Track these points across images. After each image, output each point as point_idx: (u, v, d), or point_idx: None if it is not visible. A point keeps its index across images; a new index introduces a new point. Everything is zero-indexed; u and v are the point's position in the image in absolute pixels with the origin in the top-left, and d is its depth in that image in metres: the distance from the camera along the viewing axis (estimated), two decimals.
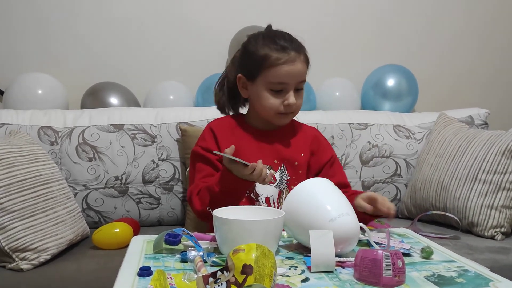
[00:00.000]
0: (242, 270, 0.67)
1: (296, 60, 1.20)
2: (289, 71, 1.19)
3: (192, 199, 1.20)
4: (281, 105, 1.22)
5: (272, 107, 1.23)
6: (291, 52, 1.20)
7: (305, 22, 2.15)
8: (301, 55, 1.22)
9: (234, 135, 1.27)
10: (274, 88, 1.21)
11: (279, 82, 1.21)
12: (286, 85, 1.21)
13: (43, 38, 1.99)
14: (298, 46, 1.23)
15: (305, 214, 0.90)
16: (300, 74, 1.22)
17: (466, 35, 2.35)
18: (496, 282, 0.77)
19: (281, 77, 1.20)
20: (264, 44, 1.22)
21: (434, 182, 1.66)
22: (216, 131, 1.28)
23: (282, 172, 1.26)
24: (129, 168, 1.66)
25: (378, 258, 0.74)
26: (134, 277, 0.77)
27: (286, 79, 1.20)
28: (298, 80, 1.22)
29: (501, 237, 1.50)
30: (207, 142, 1.26)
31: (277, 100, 1.22)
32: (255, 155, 1.21)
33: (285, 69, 1.19)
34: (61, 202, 1.34)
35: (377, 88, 2.10)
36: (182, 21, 2.08)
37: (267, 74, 1.20)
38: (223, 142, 1.25)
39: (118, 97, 1.91)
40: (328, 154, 1.33)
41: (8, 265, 1.19)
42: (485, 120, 1.95)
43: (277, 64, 1.19)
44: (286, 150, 1.27)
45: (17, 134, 1.47)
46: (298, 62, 1.20)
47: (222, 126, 1.30)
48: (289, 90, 1.21)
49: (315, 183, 0.96)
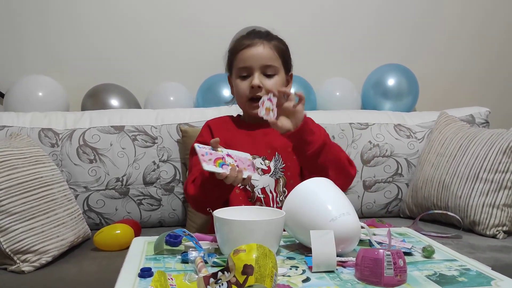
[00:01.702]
0: (243, 271, 0.67)
1: (258, 44, 1.25)
2: (250, 54, 1.25)
3: (188, 187, 1.24)
4: (248, 89, 1.25)
5: (241, 92, 1.27)
6: (254, 39, 1.26)
7: (305, 22, 2.16)
8: (267, 42, 1.26)
9: (229, 131, 1.32)
10: (241, 73, 1.27)
11: (243, 66, 1.26)
12: (250, 69, 1.25)
13: (44, 40, 2.00)
14: (266, 35, 1.28)
15: (305, 214, 0.90)
16: (262, 57, 1.25)
17: (466, 34, 2.35)
18: (498, 280, 0.76)
19: (244, 61, 1.26)
20: (236, 38, 1.32)
21: (436, 181, 1.66)
22: (212, 127, 1.34)
23: (276, 161, 1.29)
24: (130, 170, 1.66)
25: (379, 257, 0.74)
26: (135, 278, 0.77)
27: (247, 63, 1.25)
28: (261, 63, 1.25)
29: (503, 235, 1.50)
30: (204, 138, 1.31)
31: (245, 84, 1.26)
32: (248, 147, 1.25)
33: (246, 53, 1.25)
34: (62, 204, 1.34)
35: (378, 88, 2.10)
36: (182, 22, 2.09)
37: (235, 62, 1.28)
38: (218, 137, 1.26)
39: (118, 99, 1.91)
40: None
41: (10, 267, 1.19)
42: (486, 119, 1.95)
43: (240, 50, 1.26)
44: (278, 139, 1.28)
45: (17, 136, 1.47)
46: (260, 46, 1.25)
47: (218, 123, 1.36)
48: (253, 73, 1.25)
49: (316, 182, 0.96)
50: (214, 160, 1.08)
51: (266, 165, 1.28)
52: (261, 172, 1.27)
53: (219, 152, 1.11)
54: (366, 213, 1.84)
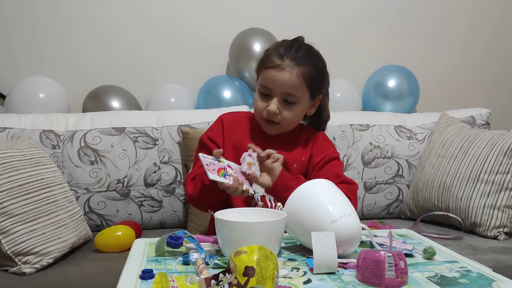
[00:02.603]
0: (244, 272, 0.67)
1: (286, 69, 1.17)
2: (274, 77, 1.18)
3: (186, 183, 1.23)
4: (265, 110, 1.21)
5: (257, 109, 1.24)
6: (286, 60, 1.18)
7: (305, 24, 2.16)
8: (297, 67, 1.18)
9: (240, 130, 1.28)
10: (262, 90, 1.22)
11: (264, 85, 1.21)
12: (271, 91, 1.20)
13: (44, 42, 2.00)
14: (300, 59, 1.19)
15: (306, 216, 0.90)
16: (285, 85, 1.18)
17: (467, 35, 2.34)
18: (499, 282, 0.76)
19: (266, 81, 1.20)
20: (273, 48, 1.23)
21: (436, 182, 1.66)
22: (225, 122, 1.28)
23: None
24: (131, 171, 1.66)
25: (380, 259, 0.74)
26: (136, 280, 0.77)
27: (269, 84, 1.20)
28: (283, 90, 1.19)
29: (504, 237, 1.50)
30: (213, 132, 1.28)
31: (263, 104, 1.22)
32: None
33: (271, 73, 1.19)
34: (63, 206, 1.34)
35: (378, 89, 2.10)
36: (183, 24, 2.09)
37: (261, 75, 1.23)
38: (229, 135, 1.26)
39: (119, 100, 1.91)
40: (320, 156, 1.28)
41: (11, 269, 1.19)
42: (487, 120, 1.95)
43: (267, 67, 1.20)
44: (286, 152, 1.25)
45: (19, 138, 1.47)
46: (287, 73, 1.17)
47: (232, 119, 1.30)
48: (273, 97, 1.20)
49: (317, 184, 0.96)
50: (217, 170, 1.09)
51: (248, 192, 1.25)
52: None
53: (221, 163, 1.12)
54: (367, 215, 1.84)
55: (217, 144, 1.25)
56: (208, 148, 1.25)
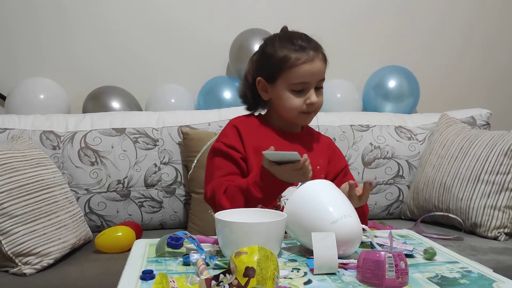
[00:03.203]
0: (244, 273, 0.67)
1: (315, 58, 1.21)
2: (309, 70, 1.20)
3: (218, 198, 1.14)
4: (304, 105, 1.22)
5: (294, 107, 1.23)
6: (310, 52, 1.21)
7: (305, 24, 2.14)
8: (319, 54, 1.23)
9: (257, 134, 1.25)
10: (296, 88, 1.22)
11: (300, 82, 1.21)
12: (307, 84, 1.22)
13: (44, 43, 2.00)
14: (315, 45, 1.24)
15: (307, 216, 0.90)
16: (320, 73, 1.23)
17: (467, 36, 2.35)
18: (500, 282, 0.76)
19: (302, 77, 1.21)
20: (282, 46, 1.22)
21: (437, 183, 1.66)
22: (240, 128, 1.25)
23: None
24: (131, 172, 1.66)
25: (380, 259, 0.74)
26: (136, 281, 0.77)
27: (307, 79, 1.21)
28: (318, 79, 1.23)
29: (504, 237, 1.50)
30: (230, 139, 1.23)
31: (299, 100, 1.22)
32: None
33: (305, 68, 1.20)
34: (64, 207, 1.34)
35: (379, 90, 2.10)
36: (183, 25, 2.09)
37: (288, 75, 1.21)
38: (248, 140, 1.23)
39: (119, 101, 1.91)
40: (342, 163, 1.33)
41: (11, 270, 1.19)
42: (487, 121, 1.95)
43: (297, 64, 1.20)
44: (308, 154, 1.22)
45: (19, 139, 1.47)
46: (318, 61, 1.22)
47: (245, 124, 1.27)
48: (310, 89, 1.22)
49: (317, 184, 0.96)
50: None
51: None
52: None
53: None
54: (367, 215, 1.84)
55: (238, 151, 1.21)
56: (227, 155, 1.21)
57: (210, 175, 1.22)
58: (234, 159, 1.20)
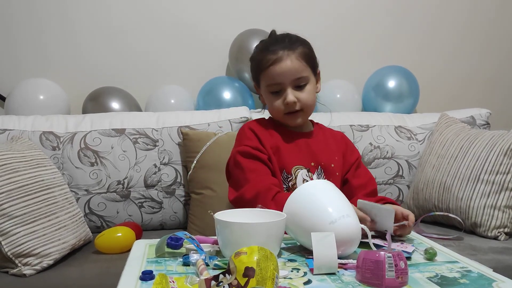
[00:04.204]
0: (244, 273, 0.67)
1: (284, 58, 1.20)
2: (278, 70, 1.20)
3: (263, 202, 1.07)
4: (283, 105, 1.22)
5: (276, 109, 1.24)
6: (279, 52, 1.21)
7: (305, 25, 2.15)
8: (293, 52, 1.21)
9: (272, 136, 1.25)
10: (272, 90, 1.23)
11: (273, 83, 1.22)
12: (281, 84, 1.22)
13: (44, 44, 2.00)
14: (290, 44, 1.22)
15: (306, 216, 0.90)
16: (292, 71, 1.20)
17: (466, 35, 2.35)
18: (500, 282, 0.76)
19: (273, 78, 1.21)
20: (258, 51, 1.26)
21: (437, 183, 1.66)
22: (256, 131, 1.25)
23: (319, 175, 1.24)
24: (131, 173, 1.66)
25: (380, 259, 0.74)
26: (136, 281, 0.77)
27: (278, 79, 1.21)
28: (292, 78, 1.21)
29: (504, 237, 1.50)
30: (253, 142, 1.22)
31: (279, 101, 1.23)
32: (295, 156, 1.23)
33: (274, 69, 1.20)
34: (63, 207, 1.34)
35: (378, 90, 2.10)
36: (183, 26, 2.09)
37: (263, 77, 1.24)
38: (266, 141, 1.23)
39: (119, 102, 1.91)
40: (354, 155, 1.33)
41: (11, 271, 1.19)
42: (486, 120, 1.95)
43: (267, 66, 1.21)
44: (322, 153, 1.26)
45: (19, 139, 1.47)
46: (288, 60, 1.20)
47: (260, 126, 1.27)
48: (285, 89, 1.21)
49: (317, 185, 0.96)
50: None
51: (310, 178, 1.23)
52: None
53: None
54: None
55: (263, 152, 1.21)
56: (258, 158, 1.20)
57: (243, 177, 1.18)
58: (263, 160, 1.21)
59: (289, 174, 1.22)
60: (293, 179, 1.22)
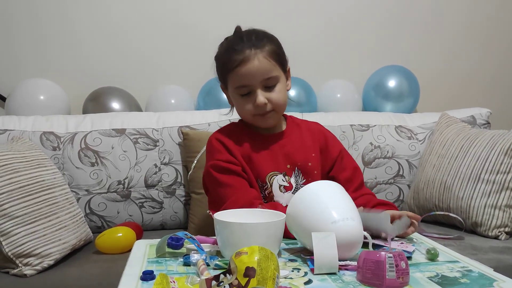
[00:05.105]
0: (245, 273, 0.67)
1: (251, 58, 1.13)
2: (246, 72, 1.13)
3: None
4: (253, 107, 1.16)
5: (246, 112, 1.18)
6: (245, 51, 1.13)
7: (305, 25, 2.16)
8: (260, 52, 1.14)
9: (242, 144, 1.20)
10: (241, 92, 1.17)
11: (241, 85, 1.16)
12: (250, 86, 1.15)
13: (44, 44, 2.00)
14: (256, 42, 1.15)
15: (308, 216, 0.89)
16: (261, 71, 1.13)
17: (467, 35, 2.34)
18: (500, 282, 0.76)
19: (241, 80, 1.15)
20: (223, 50, 1.19)
21: (437, 182, 1.66)
22: (225, 142, 1.20)
23: (296, 177, 1.21)
24: (131, 173, 1.66)
25: (381, 259, 0.73)
26: (137, 281, 0.77)
27: (246, 81, 1.14)
28: (261, 78, 1.14)
29: (505, 237, 1.50)
30: (223, 154, 1.17)
31: (249, 104, 1.17)
32: (268, 162, 1.19)
33: (241, 71, 1.13)
34: (64, 207, 1.34)
35: (379, 89, 2.10)
36: (183, 25, 2.09)
37: (231, 79, 1.17)
38: (236, 153, 1.19)
39: (119, 102, 1.91)
40: (336, 148, 1.28)
41: (12, 271, 1.19)
42: (487, 120, 1.95)
43: (233, 68, 1.14)
44: (297, 153, 1.22)
45: (19, 140, 1.47)
46: (255, 60, 1.13)
47: (227, 136, 1.22)
48: (255, 90, 1.15)
49: (322, 185, 0.95)
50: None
51: (287, 182, 1.20)
52: (283, 190, 1.19)
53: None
54: None
55: (235, 164, 1.17)
56: (232, 171, 1.17)
57: (223, 194, 1.15)
58: (237, 172, 1.17)
59: (264, 182, 1.19)
60: (269, 187, 1.19)
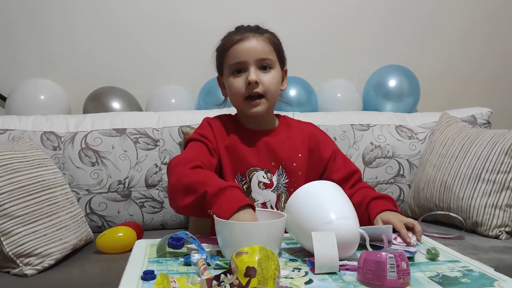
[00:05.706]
0: (245, 273, 0.67)
1: (250, 37, 1.17)
2: (243, 48, 1.16)
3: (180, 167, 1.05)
4: (245, 87, 1.17)
5: (237, 91, 1.18)
6: (245, 33, 1.18)
7: (305, 24, 2.16)
8: (260, 35, 1.18)
9: (229, 135, 1.22)
10: (235, 67, 1.18)
11: (236, 62, 1.17)
12: (245, 63, 1.16)
13: (45, 44, 2.00)
14: (257, 28, 1.20)
15: (304, 216, 0.89)
16: (256, 50, 1.16)
17: (467, 35, 2.34)
18: (501, 281, 0.76)
19: (237, 56, 1.17)
20: (224, 37, 1.23)
21: (438, 182, 1.66)
22: (213, 125, 1.23)
23: (279, 175, 1.21)
24: (132, 172, 1.66)
25: (382, 260, 0.73)
26: (137, 281, 0.77)
27: (241, 57, 1.16)
28: (256, 57, 1.16)
29: (505, 236, 1.50)
30: (204, 131, 1.21)
31: (240, 81, 1.17)
32: (251, 157, 1.19)
33: (238, 47, 1.17)
34: (65, 207, 1.34)
35: (379, 89, 2.10)
36: (182, 25, 2.09)
37: (227, 59, 1.20)
38: (219, 138, 1.21)
39: (120, 102, 1.91)
40: (328, 150, 1.27)
41: (12, 271, 1.19)
42: (487, 119, 1.95)
43: (231, 45, 1.18)
44: (282, 152, 1.21)
45: (20, 139, 1.47)
46: (253, 39, 1.17)
47: (219, 122, 1.25)
48: (248, 68, 1.16)
49: (319, 185, 0.96)
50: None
51: (269, 179, 1.20)
52: (262, 186, 1.19)
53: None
54: None
55: (211, 141, 1.19)
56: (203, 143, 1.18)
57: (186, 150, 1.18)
58: (208, 147, 1.18)
59: (244, 176, 1.19)
60: (248, 182, 1.19)
